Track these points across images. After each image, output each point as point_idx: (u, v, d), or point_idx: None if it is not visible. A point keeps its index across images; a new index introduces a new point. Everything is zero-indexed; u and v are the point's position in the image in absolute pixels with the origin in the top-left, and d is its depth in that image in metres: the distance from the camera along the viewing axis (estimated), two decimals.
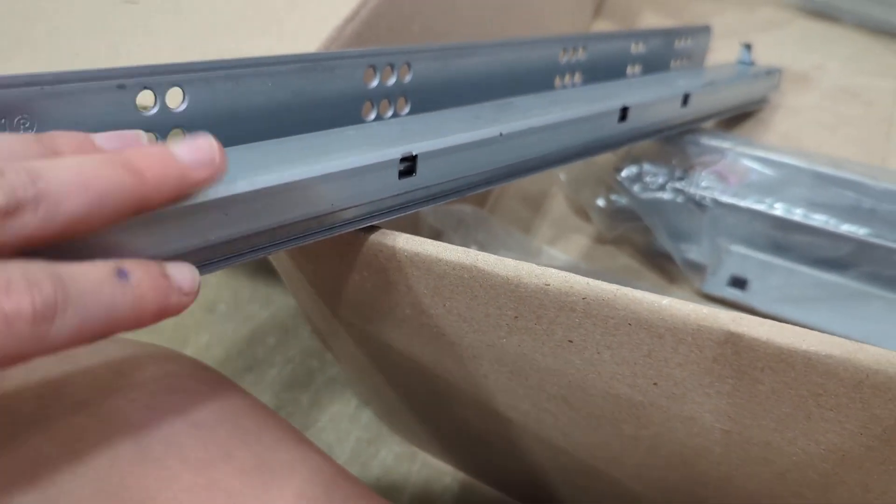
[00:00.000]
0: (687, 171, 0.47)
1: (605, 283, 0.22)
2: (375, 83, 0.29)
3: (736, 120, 0.57)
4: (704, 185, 0.46)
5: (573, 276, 0.22)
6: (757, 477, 0.25)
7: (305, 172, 0.22)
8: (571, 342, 0.24)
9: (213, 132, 0.24)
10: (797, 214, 0.44)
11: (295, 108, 0.27)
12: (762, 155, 0.46)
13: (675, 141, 0.48)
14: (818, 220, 0.43)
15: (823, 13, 0.70)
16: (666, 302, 0.21)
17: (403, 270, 0.25)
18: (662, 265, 0.50)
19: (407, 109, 0.31)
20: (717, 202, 0.45)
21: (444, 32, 0.43)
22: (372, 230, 0.25)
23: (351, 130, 0.28)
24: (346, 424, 0.49)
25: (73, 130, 0.20)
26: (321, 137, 0.27)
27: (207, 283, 0.59)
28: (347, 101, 0.28)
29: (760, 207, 0.45)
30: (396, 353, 0.32)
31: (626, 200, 0.49)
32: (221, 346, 0.55)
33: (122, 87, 0.21)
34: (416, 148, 0.25)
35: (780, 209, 0.44)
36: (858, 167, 0.45)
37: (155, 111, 0.23)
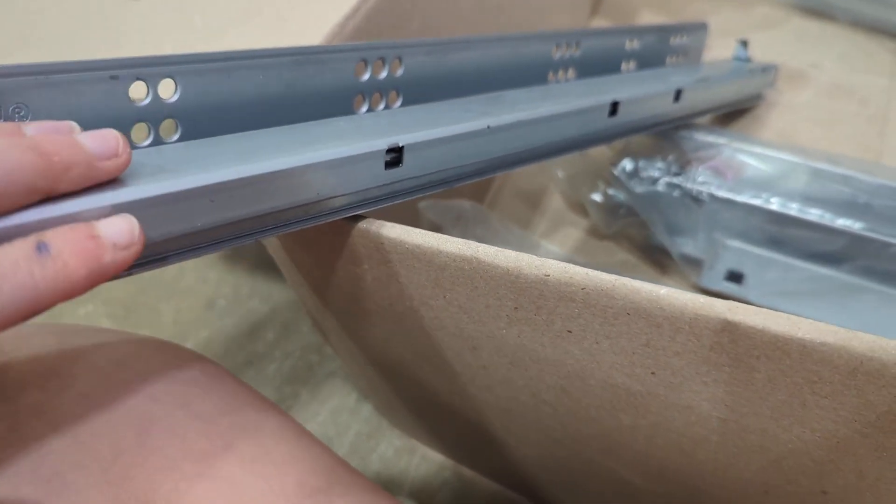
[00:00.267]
0: (683, 166, 0.47)
1: (603, 273, 0.22)
2: (367, 77, 0.29)
3: (731, 116, 0.58)
4: (701, 179, 0.46)
5: (573, 266, 0.23)
6: (753, 465, 0.25)
7: (291, 161, 0.22)
8: (570, 332, 0.24)
9: (204, 123, 0.25)
10: (793, 209, 0.44)
11: (286, 100, 0.27)
12: (758, 150, 0.47)
13: (671, 136, 0.48)
14: (814, 214, 0.44)
15: (818, 11, 0.70)
16: (664, 291, 0.21)
17: (404, 262, 0.26)
18: (659, 260, 0.51)
19: (398, 103, 0.31)
20: (713, 197, 0.46)
21: (443, 29, 0.43)
22: (370, 223, 0.26)
23: (340, 122, 0.28)
24: (345, 418, 0.49)
25: (65, 120, 0.20)
26: (310, 128, 0.27)
27: (207, 278, 0.60)
28: (339, 94, 0.29)
29: (757, 202, 0.45)
30: (395, 346, 0.32)
31: (622, 195, 0.50)
32: (221, 341, 0.55)
33: (114, 77, 0.22)
34: (402, 139, 0.25)
35: (776, 204, 0.45)
36: (854, 163, 0.46)
37: (147, 102, 0.23)
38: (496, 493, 0.45)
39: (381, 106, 0.30)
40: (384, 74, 0.30)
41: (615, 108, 0.36)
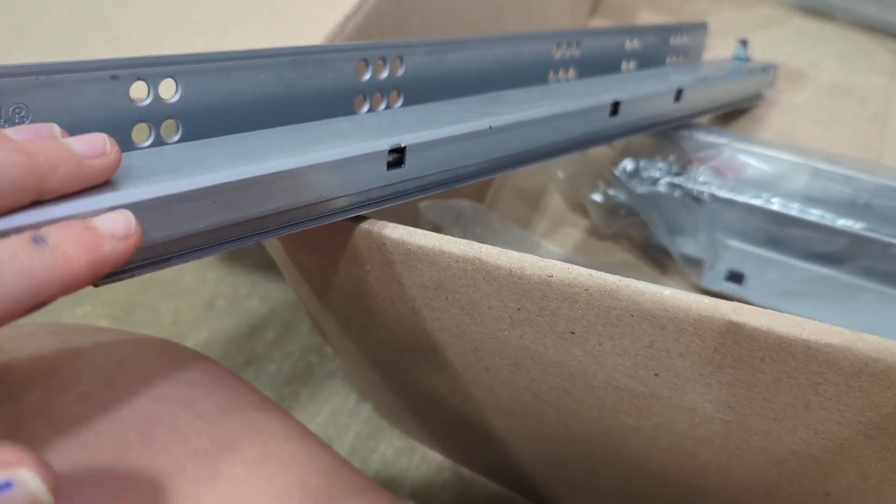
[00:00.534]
0: (684, 166, 0.47)
1: (607, 274, 0.22)
2: (368, 76, 0.29)
3: (731, 116, 0.58)
4: (702, 179, 0.46)
5: (576, 267, 0.22)
6: (756, 466, 0.25)
7: (293, 162, 0.22)
8: (574, 334, 0.24)
9: (205, 123, 0.24)
10: (794, 209, 0.44)
11: (287, 100, 0.27)
12: (759, 150, 0.47)
13: (672, 136, 0.48)
14: (814, 214, 0.44)
15: (818, 11, 0.70)
16: (668, 293, 0.21)
17: (406, 263, 0.26)
18: (659, 260, 0.51)
19: (400, 103, 0.31)
20: (714, 197, 0.46)
21: (443, 29, 0.43)
22: (371, 224, 0.26)
23: (342, 122, 0.28)
24: (345, 419, 0.49)
25: (67, 119, 0.20)
26: (311, 128, 0.27)
27: (206, 278, 0.60)
28: (340, 94, 0.29)
29: (757, 202, 0.45)
30: (396, 347, 0.32)
31: (623, 196, 0.50)
32: (220, 341, 0.55)
33: (115, 77, 0.22)
34: (405, 139, 0.25)
35: (776, 204, 0.45)
36: (854, 163, 0.45)
37: (148, 102, 0.23)
38: (496, 493, 0.45)
39: (382, 106, 0.30)
40: (385, 74, 0.30)
41: (616, 107, 0.36)
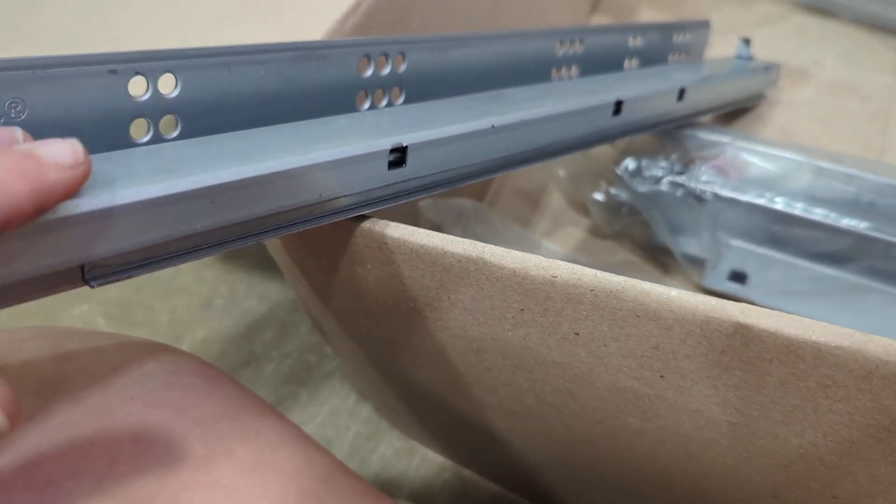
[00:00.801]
0: (686, 165, 0.47)
1: (613, 275, 0.22)
2: (370, 73, 0.29)
3: (733, 115, 0.57)
4: (704, 179, 0.46)
5: (581, 267, 0.22)
6: (762, 469, 0.25)
7: (293, 162, 0.22)
8: (578, 335, 0.24)
9: (205, 119, 0.24)
10: (797, 209, 0.44)
11: (288, 96, 0.26)
12: (762, 149, 0.46)
13: (674, 135, 0.48)
14: (818, 214, 0.43)
15: (820, 8, 0.70)
16: (675, 293, 0.21)
17: (408, 263, 0.25)
18: (661, 259, 0.50)
19: (402, 99, 0.31)
20: (716, 196, 0.45)
21: (442, 27, 0.43)
22: (373, 223, 0.25)
23: (342, 120, 0.28)
24: (344, 419, 0.49)
25: (65, 114, 0.20)
26: (312, 126, 0.26)
27: (204, 278, 0.59)
28: (341, 90, 0.28)
29: (760, 202, 0.45)
30: (396, 347, 0.32)
31: (625, 195, 0.49)
32: (218, 341, 0.54)
33: (113, 72, 0.21)
34: (406, 139, 0.25)
35: (780, 203, 0.44)
36: (858, 161, 0.45)
37: (147, 97, 0.22)
38: (497, 494, 0.44)
39: (383, 102, 0.30)
40: (387, 70, 0.29)
41: (619, 107, 0.35)
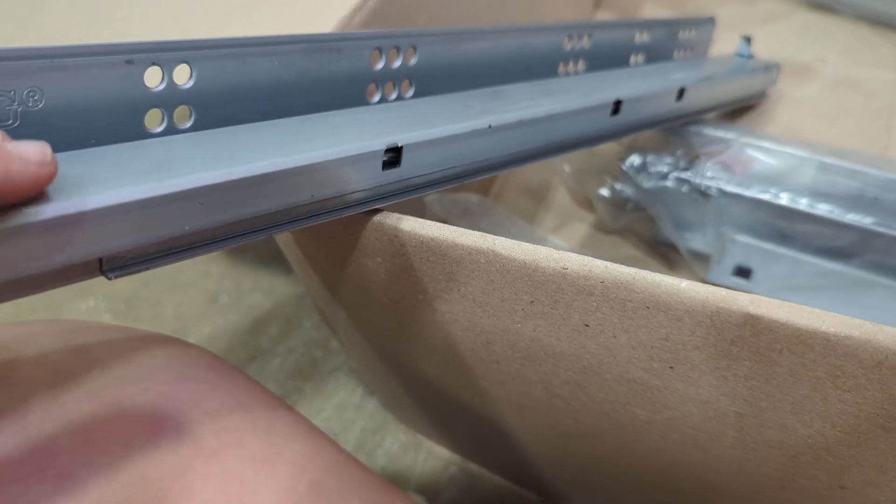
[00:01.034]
0: (692, 160, 0.47)
1: (623, 266, 0.22)
2: (381, 65, 0.29)
3: (738, 111, 0.57)
4: (709, 174, 0.46)
5: (591, 259, 0.22)
6: (771, 460, 0.25)
7: (285, 163, 0.21)
8: (588, 326, 0.24)
9: (218, 110, 0.24)
10: (802, 204, 0.44)
11: (300, 88, 0.26)
12: (767, 145, 0.46)
13: (679, 131, 0.48)
14: (823, 209, 0.44)
15: (823, 5, 0.70)
16: (685, 285, 0.21)
17: (418, 255, 0.25)
18: (666, 255, 0.50)
19: (411, 92, 0.31)
20: (721, 192, 0.46)
21: (449, 23, 0.43)
22: (385, 216, 0.25)
23: (336, 116, 0.27)
24: (350, 413, 0.49)
25: (81, 104, 0.20)
26: (305, 122, 0.26)
27: (209, 273, 0.59)
28: (352, 82, 0.28)
29: (765, 197, 0.45)
30: (405, 340, 0.32)
31: (630, 190, 0.49)
32: (224, 336, 0.54)
33: (130, 62, 0.21)
34: (401, 139, 0.25)
35: (784, 199, 0.44)
36: (863, 157, 0.45)
37: (162, 87, 0.23)
38: (504, 488, 0.45)
39: (393, 95, 0.30)
40: (398, 63, 0.30)
41: (618, 107, 0.35)
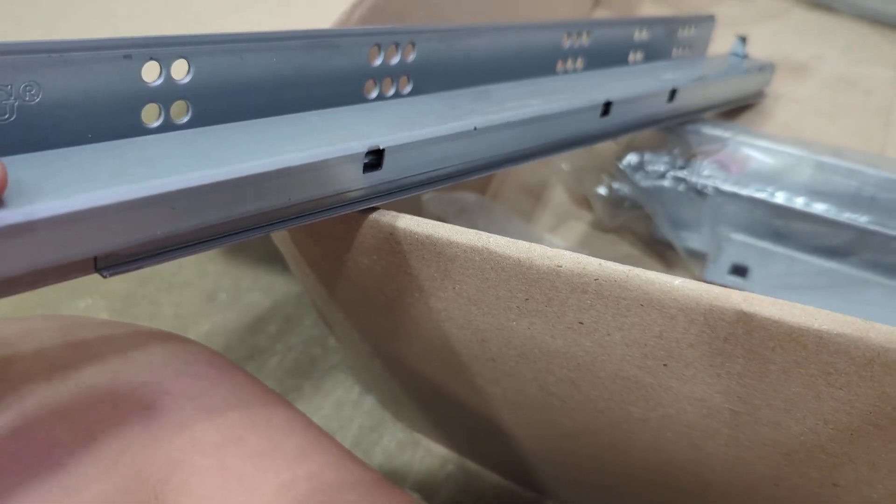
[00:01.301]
0: (688, 159, 0.47)
1: (617, 264, 0.22)
2: (379, 61, 0.29)
3: (735, 110, 0.57)
4: (706, 173, 0.46)
5: (585, 257, 0.22)
6: (764, 457, 0.25)
7: (261, 166, 0.21)
8: (582, 324, 0.24)
9: (216, 105, 0.24)
10: (798, 203, 0.44)
11: (298, 84, 0.26)
12: (763, 144, 0.46)
13: (676, 130, 0.48)
14: (819, 208, 0.44)
15: (821, 3, 0.70)
16: (678, 283, 0.21)
17: (414, 253, 0.25)
18: (663, 253, 0.50)
19: (409, 88, 0.31)
20: (718, 190, 0.46)
21: (447, 19, 0.43)
22: (381, 214, 0.25)
23: (324, 115, 0.27)
24: (348, 411, 0.49)
25: (79, 98, 0.20)
26: (295, 121, 0.26)
27: (207, 271, 0.59)
28: (351, 78, 0.28)
29: (761, 196, 0.45)
30: (401, 338, 0.32)
31: (627, 189, 0.49)
32: (222, 334, 0.55)
33: (128, 56, 0.21)
34: (382, 141, 0.24)
35: (781, 197, 0.45)
36: (859, 155, 0.45)
37: (160, 82, 0.23)
38: (500, 486, 0.45)
39: (391, 91, 0.30)
40: (397, 60, 0.29)
41: (607, 108, 0.35)
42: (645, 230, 0.51)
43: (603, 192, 0.51)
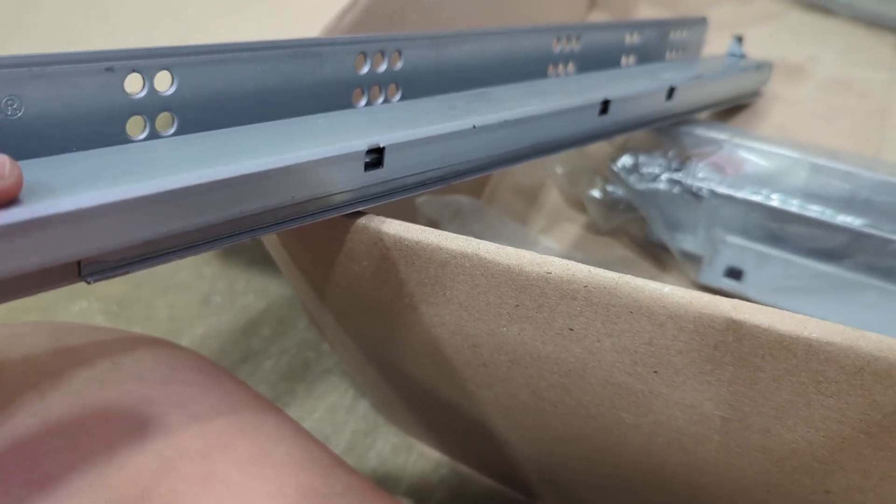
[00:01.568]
0: (683, 161, 0.47)
1: (606, 271, 0.22)
2: (366, 70, 0.29)
3: (731, 111, 0.57)
4: (701, 175, 0.46)
5: (575, 264, 0.22)
6: (755, 464, 0.25)
7: (264, 164, 0.21)
8: (572, 330, 0.24)
9: (202, 116, 0.24)
10: (793, 205, 0.44)
11: (284, 93, 0.26)
12: (759, 146, 0.46)
13: (671, 132, 0.48)
14: (814, 210, 0.44)
15: (818, 5, 0.70)
16: (668, 290, 0.21)
17: (404, 259, 0.25)
18: (658, 256, 0.50)
19: (398, 96, 0.31)
20: (713, 193, 0.46)
21: (442, 22, 0.43)
22: (369, 219, 0.25)
23: (321, 119, 0.27)
24: (342, 415, 0.49)
25: (62, 112, 0.20)
26: (290, 125, 0.26)
27: (202, 274, 0.59)
28: (337, 87, 0.28)
29: (757, 198, 0.45)
30: (393, 343, 0.32)
31: (622, 191, 0.49)
32: (217, 337, 0.54)
33: (110, 69, 0.21)
34: (383, 140, 0.24)
35: (776, 200, 0.44)
36: (854, 158, 0.45)
37: (143, 94, 0.22)
38: (493, 490, 0.45)
39: (380, 99, 0.30)
40: (383, 68, 0.29)
41: (606, 106, 0.35)
42: (640, 233, 0.51)
43: (597, 194, 0.50)
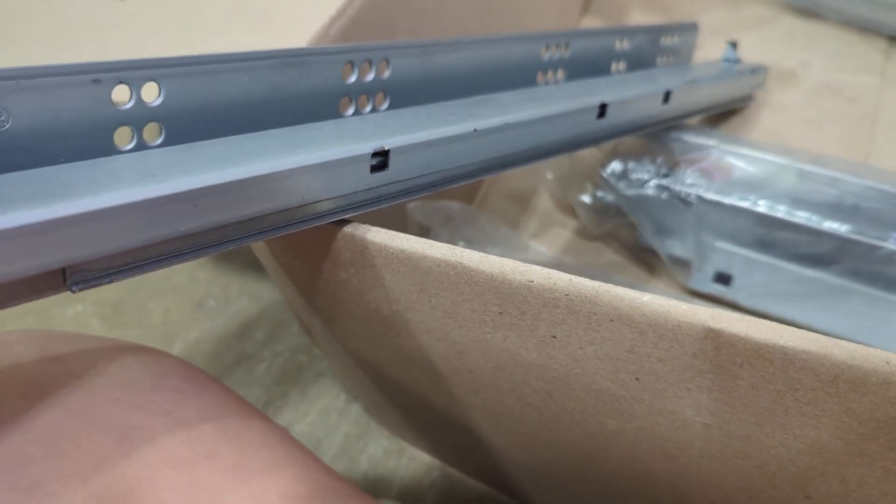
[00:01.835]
0: (672, 167, 0.47)
1: (587, 280, 0.22)
2: (353, 79, 0.29)
3: (721, 117, 0.58)
4: (689, 181, 0.46)
5: (556, 273, 0.23)
6: (737, 470, 0.25)
7: (277, 165, 0.22)
8: (555, 338, 0.24)
9: (189, 126, 0.24)
10: (781, 211, 0.44)
11: (272, 103, 0.27)
12: (747, 152, 0.47)
13: (660, 138, 0.48)
14: (801, 216, 0.44)
15: (809, 10, 0.70)
16: (647, 298, 0.21)
17: (389, 267, 0.26)
18: (647, 261, 0.51)
19: (386, 105, 0.31)
20: (701, 199, 0.46)
21: (431, 30, 0.43)
22: (355, 227, 0.26)
23: (325, 125, 0.28)
24: (334, 419, 0.49)
25: (49, 123, 0.20)
26: (295, 132, 0.27)
27: (197, 278, 0.59)
28: (325, 96, 0.29)
29: (745, 204, 0.45)
30: (381, 348, 0.32)
31: (611, 197, 0.50)
32: (210, 341, 0.55)
33: (97, 81, 0.22)
34: (388, 142, 0.25)
35: (763, 206, 0.45)
36: (842, 164, 0.46)
37: (130, 105, 0.23)
38: (484, 494, 0.45)
39: (367, 108, 0.30)
40: (371, 77, 0.30)
41: (603, 110, 0.36)
42: (630, 238, 0.51)
43: (587, 200, 0.51)
